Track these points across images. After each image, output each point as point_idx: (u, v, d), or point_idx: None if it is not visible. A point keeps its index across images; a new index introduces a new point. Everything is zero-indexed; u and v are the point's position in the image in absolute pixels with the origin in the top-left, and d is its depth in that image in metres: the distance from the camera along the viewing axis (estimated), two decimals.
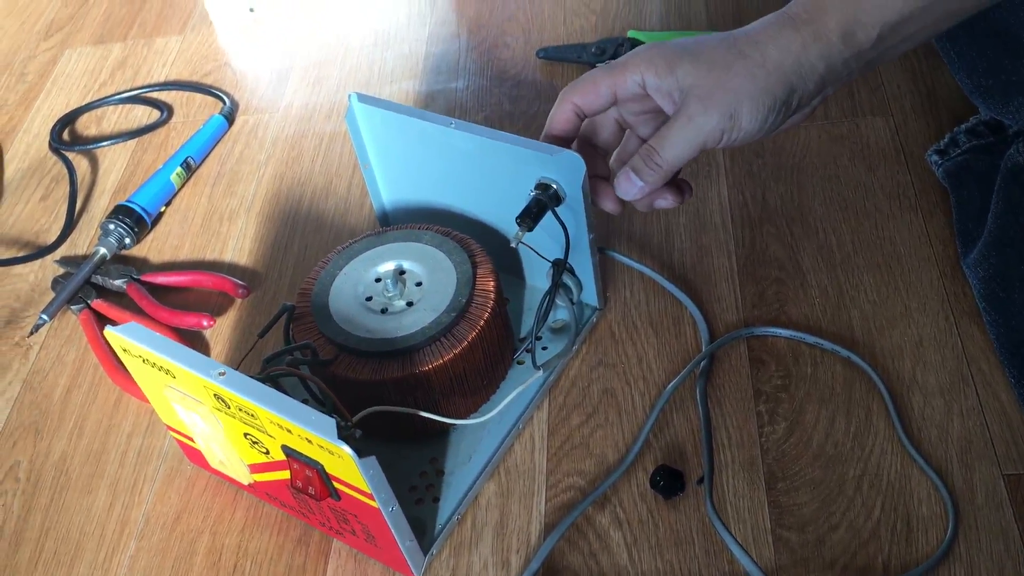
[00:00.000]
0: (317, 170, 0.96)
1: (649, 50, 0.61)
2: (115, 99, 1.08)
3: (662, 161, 0.61)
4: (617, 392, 0.73)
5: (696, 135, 0.59)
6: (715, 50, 0.59)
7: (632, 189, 0.63)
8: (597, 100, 0.64)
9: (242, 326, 0.83)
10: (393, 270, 0.72)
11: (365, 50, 1.09)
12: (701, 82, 0.58)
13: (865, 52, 0.58)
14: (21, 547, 0.71)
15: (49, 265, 0.91)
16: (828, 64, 0.58)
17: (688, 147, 0.60)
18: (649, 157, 0.61)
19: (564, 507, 0.67)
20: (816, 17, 0.57)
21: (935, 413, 0.68)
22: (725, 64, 0.58)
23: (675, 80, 0.59)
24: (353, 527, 0.63)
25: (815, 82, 0.58)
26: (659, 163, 0.61)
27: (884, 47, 0.58)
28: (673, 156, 0.61)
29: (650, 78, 0.60)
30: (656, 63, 0.60)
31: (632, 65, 0.61)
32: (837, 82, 0.59)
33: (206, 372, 0.59)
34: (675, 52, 0.60)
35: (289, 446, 0.59)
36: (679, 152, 0.61)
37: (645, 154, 0.62)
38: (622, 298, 0.79)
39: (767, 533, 0.64)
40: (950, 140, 0.82)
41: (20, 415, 0.80)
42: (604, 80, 0.63)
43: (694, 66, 0.59)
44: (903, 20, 0.56)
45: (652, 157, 0.61)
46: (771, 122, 0.59)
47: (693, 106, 0.59)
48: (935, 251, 0.78)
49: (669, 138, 0.60)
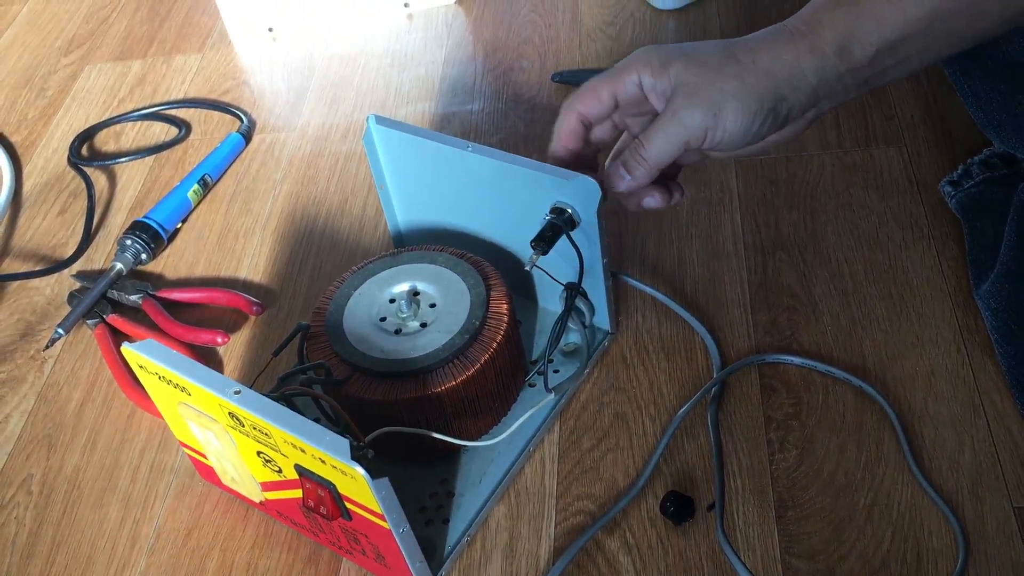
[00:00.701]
0: (332, 189, 0.97)
1: (646, 52, 0.62)
2: (134, 116, 1.09)
3: (647, 155, 0.62)
4: (628, 417, 0.73)
5: (679, 130, 0.60)
6: (709, 53, 0.60)
7: (620, 182, 0.64)
8: (600, 107, 0.65)
9: (256, 343, 0.84)
10: (407, 291, 0.73)
11: (382, 71, 1.10)
12: (690, 80, 0.59)
13: (861, 69, 0.58)
14: (32, 560, 0.71)
15: (66, 279, 0.92)
16: (821, 77, 0.58)
17: (671, 142, 0.61)
18: (636, 152, 0.62)
19: (574, 531, 0.67)
20: (813, 30, 0.58)
21: (946, 444, 0.68)
22: (716, 65, 0.59)
23: (668, 78, 0.60)
24: (363, 547, 0.64)
25: (807, 94, 0.59)
26: (644, 156, 0.62)
27: (882, 66, 0.58)
28: (657, 151, 0.62)
29: (646, 77, 0.61)
30: (652, 63, 0.61)
31: (629, 67, 0.62)
32: (831, 98, 0.60)
33: (221, 390, 0.59)
34: (670, 52, 0.61)
35: (302, 465, 0.59)
36: (663, 147, 0.61)
37: (633, 150, 0.63)
38: (634, 323, 0.79)
39: (776, 562, 0.64)
40: (963, 171, 0.82)
41: (34, 428, 0.80)
42: (604, 86, 0.64)
43: (686, 65, 0.60)
44: (902, 40, 0.57)
45: (639, 151, 0.62)
46: (757, 128, 0.60)
47: (678, 101, 0.60)
48: (948, 282, 0.78)
49: (655, 134, 0.61)
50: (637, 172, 0.63)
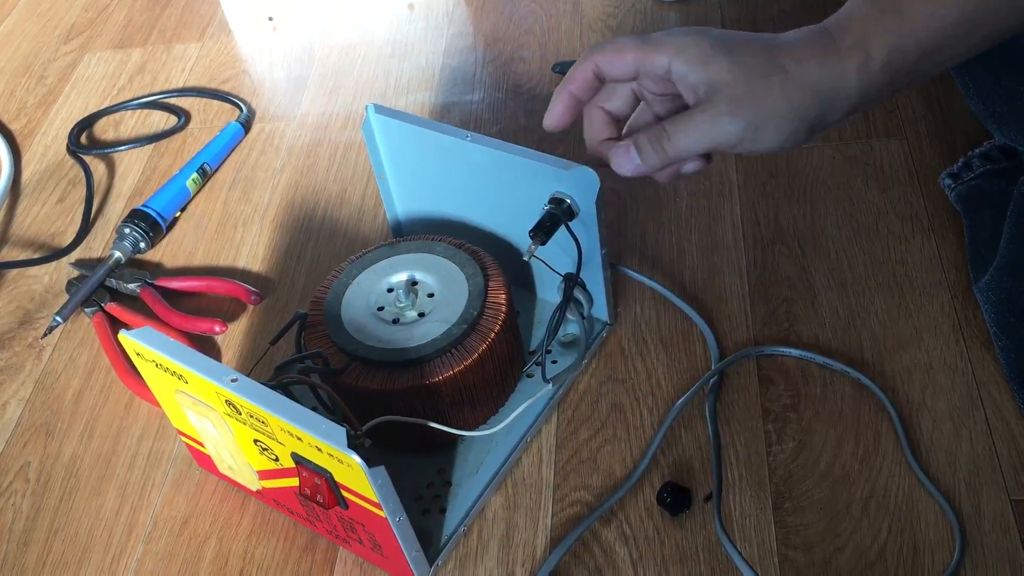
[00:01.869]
0: (332, 179, 0.97)
1: (684, 37, 0.58)
2: (133, 104, 1.09)
3: (670, 147, 0.58)
4: (626, 407, 0.73)
5: (714, 135, 0.57)
6: (755, 55, 0.56)
7: (628, 165, 0.60)
8: (620, 69, 0.60)
9: (254, 332, 0.84)
10: (405, 281, 0.73)
11: (382, 61, 1.10)
12: (734, 85, 0.56)
13: (899, 78, 0.56)
14: (29, 547, 0.71)
15: (64, 267, 0.92)
16: (864, 94, 0.56)
17: (701, 143, 0.58)
18: (657, 140, 0.59)
19: (570, 521, 0.67)
20: (862, 42, 0.55)
21: (944, 437, 0.68)
22: (763, 74, 0.56)
23: (706, 75, 0.57)
24: (360, 536, 0.64)
25: (846, 110, 0.57)
26: (666, 149, 0.59)
27: (916, 73, 0.57)
28: (683, 146, 0.58)
29: (678, 65, 0.57)
30: (689, 53, 0.57)
31: (664, 48, 0.58)
32: (865, 108, 0.58)
33: (218, 378, 0.59)
34: (712, 47, 0.57)
35: (299, 453, 0.59)
36: (690, 144, 0.58)
37: (654, 136, 0.59)
38: (633, 314, 0.79)
39: (773, 553, 0.64)
40: (964, 164, 0.82)
41: (32, 416, 0.80)
42: (631, 52, 0.59)
43: (730, 66, 0.56)
44: (940, 47, 0.55)
45: (660, 141, 0.59)
46: (791, 143, 0.58)
47: (721, 106, 0.56)
48: (947, 275, 0.78)
49: (685, 128, 0.58)
50: (651, 160, 0.59)
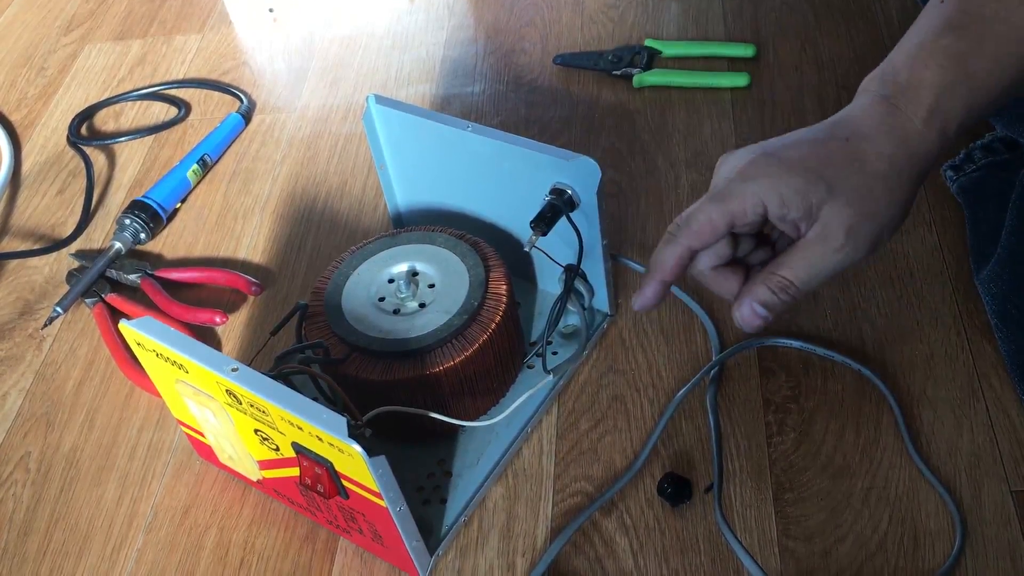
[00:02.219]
0: (332, 170, 0.96)
1: (765, 181, 0.55)
2: (133, 95, 1.09)
3: (799, 293, 0.56)
4: (626, 398, 0.73)
5: (842, 265, 0.55)
6: (845, 169, 0.54)
7: (757, 321, 0.57)
8: (713, 239, 0.57)
9: (254, 324, 0.84)
10: (406, 271, 0.73)
11: (382, 52, 1.09)
12: (843, 214, 0.54)
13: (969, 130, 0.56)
14: (30, 537, 0.71)
15: (64, 258, 0.92)
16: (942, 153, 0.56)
17: (827, 275, 0.56)
18: (784, 291, 0.56)
19: (571, 512, 0.67)
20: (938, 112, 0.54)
21: (945, 428, 0.68)
22: (871, 195, 0.54)
23: (808, 211, 0.54)
24: (360, 526, 0.64)
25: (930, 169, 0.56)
26: (795, 295, 0.56)
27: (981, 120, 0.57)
28: (811, 287, 0.56)
29: (775, 210, 0.55)
30: (782, 191, 0.54)
31: (750, 198, 0.55)
32: None
33: (219, 368, 0.59)
34: (801, 177, 0.54)
35: (299, 443, 0.59)
36: (819, 283, 0.56)
37: (779, 287, 0.56)
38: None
39: (773, 543, 0.64)
40: (965, 156, 0.82)
41: (32, 406, 0.80)
42: (719, 218, 0.56)
43: (830, 195, 0.54)
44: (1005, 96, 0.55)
45: (788, 290, 0.56)
46: None
47: (838, 238, 0.54)
48: (948, 266, 0.78)
49: (809, 269, 0.55)
50: (783, 307, 0.57)
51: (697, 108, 0.95)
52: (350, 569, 0.67)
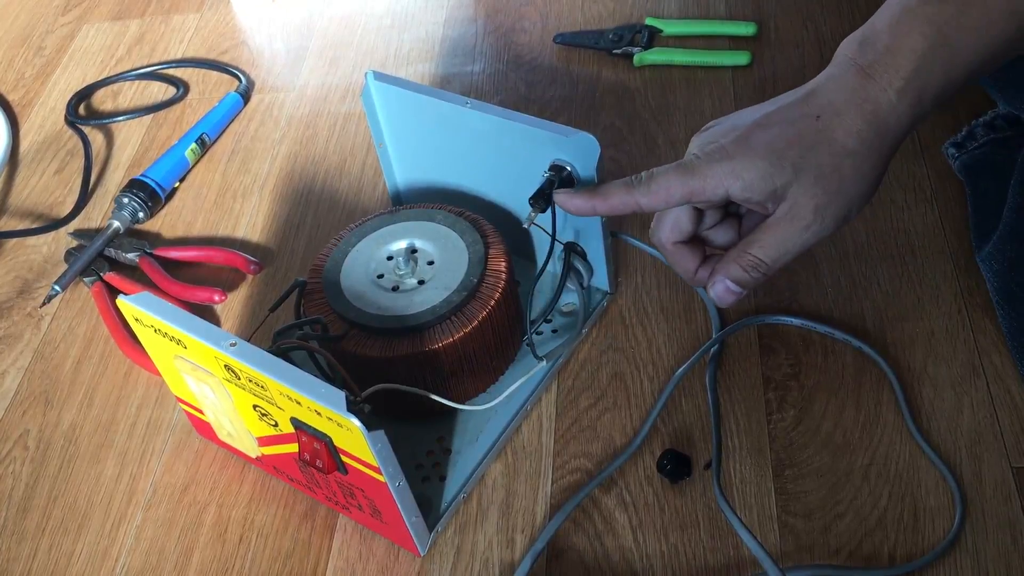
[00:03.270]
0: (331, 149, 0.96)
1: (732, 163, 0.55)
2: (131, 75, 1.08)
3: (769, 269, 0.57)
4: (626, 376, 0.73)
5: (810, 242, 0.56)
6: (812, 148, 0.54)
7: (731, 299, 0.59)
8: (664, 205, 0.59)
9: (253, 302, 0.83)
10: (405, 248, 0.72)
11: (382, 31, 1.09)
12: (811, 193, 0.54)
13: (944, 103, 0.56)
14: (29, 514, 0.71)
15: (63, 237, 0.92)
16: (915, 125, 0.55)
17: (797, 251, 0.57)
18: (755, 268, 0.57)
19: (570, 488, 0.67)
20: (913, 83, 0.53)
21: (945, 405, 0.68)
22: (839, 173, 0.54)
23: (773, 193, 0.55)
24: (359, 502, 0.63)
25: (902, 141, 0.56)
26: (765, 272, 0.58)
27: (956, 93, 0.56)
28: (781, 263, 0.57)
29: (738, 193, 0.56)
30: (745, 176, 0.55)
31: (714, 177, 0.56)
32: None
33: (217, 343, 0.59)
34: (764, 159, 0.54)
35: (298, 418, 0.59)
36: (787, 258, 0.57)
37: (750, 265, 0.57)
38: (633, 283, 0.79)
39: (773, 520, 0.64)
40: (967, 133, 0.81)
41: (31, 385, 0.80)
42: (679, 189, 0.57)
43: (799, 179, 0.54)
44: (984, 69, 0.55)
45: (758, 268, 0.57)
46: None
47: (809, 217, 0.55)
48: (949, 244, 0.77)
49: (778, 247, 0.56)
50: (753, 284, 0.58)
51: (698, 87, 0.95)
52: (349, 545, 0.67)
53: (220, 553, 0.67)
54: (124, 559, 0.68)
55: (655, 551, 0.63)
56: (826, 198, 0.55)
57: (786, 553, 0.62)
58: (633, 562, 0.63)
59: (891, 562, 0.61)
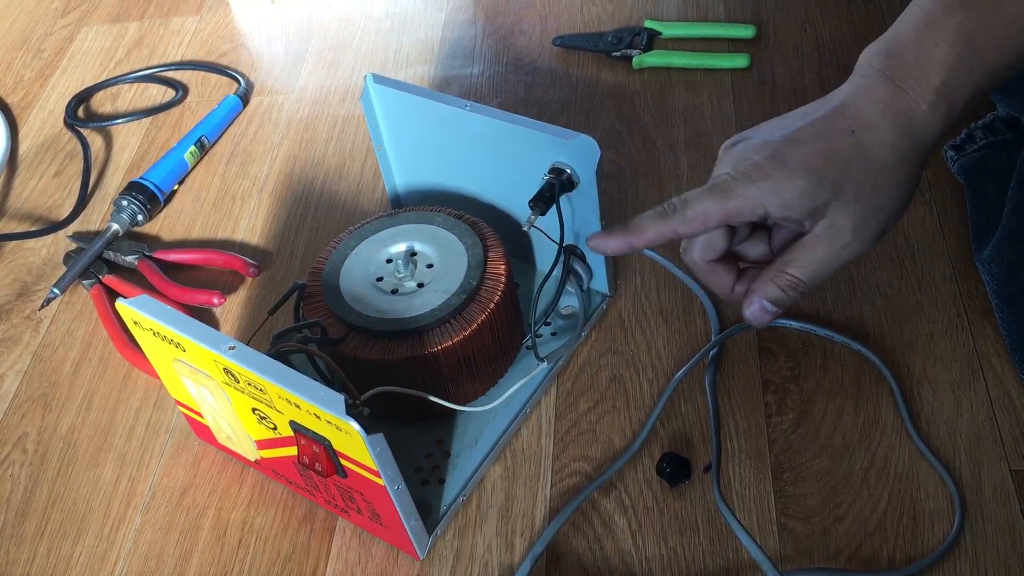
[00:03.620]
0: (330, 152, 0.96)
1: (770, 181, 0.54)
2: (131, 77, 1.08)
3: (806, 288, 0.56)
4: (625, 379, 0.73)
5: (850, 259, 0.55)
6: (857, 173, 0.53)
7: (768, 317, 0.58)
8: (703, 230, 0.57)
9: (252, 305, 0.83)
10: (405, 251, 0.72)
11: (381, 34, 1.09)
12: (848, 212, 0.53)
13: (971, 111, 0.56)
14: (27, 517, 0.71)
15: (62, 240, 0.92)
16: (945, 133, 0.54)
17: (834, 269, 0.56)
18: (794, 288, 0.56)
19: (569, 491, 0.67)
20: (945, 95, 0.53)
21: (944, 407, 0.68)
22: (877, 189, 0.53)
23: (814, 212, 0.54)
24: (359, 505, 0.63)
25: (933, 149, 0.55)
26: (803, 291, 0.56)
27: None
28: (819, 281, 0.56)
29: (778, 211, 0.54)
30: (785, 196, 0.53)
31: (751, 198, 0.54)
32: None
33: (216, 346, 0.59)
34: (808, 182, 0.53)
35: (297, 422, 0.59)
36: (824, 276, 0.56)
37: (787, 285, 0.56)
38: (633, 286, 0.79)
39: (772, 523, 0.64)
40: (966, 136, 0.81)
41: (29, 387, 0.80)
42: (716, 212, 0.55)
43: (835, 193, 0.53)
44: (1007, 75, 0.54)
45: (797, 287, 0.56)
46: None
47: (849, 235, 0.54)
48: (949, 246, 0.77)
49: (818, 265, 0.55)
50: (789, 304, 0.57)
51: (697, 89, 0.95)
52: (348, 549, 0.66)
53: (219, 556, 0.67)
54: (123, 562, 0.68)
55: (654, 554, 0.63)
56: (865, 215, 0.54)
57: (785, 556, 0.62)
58: (632, 565, 0.63)
59: (890, 565, 0.61)
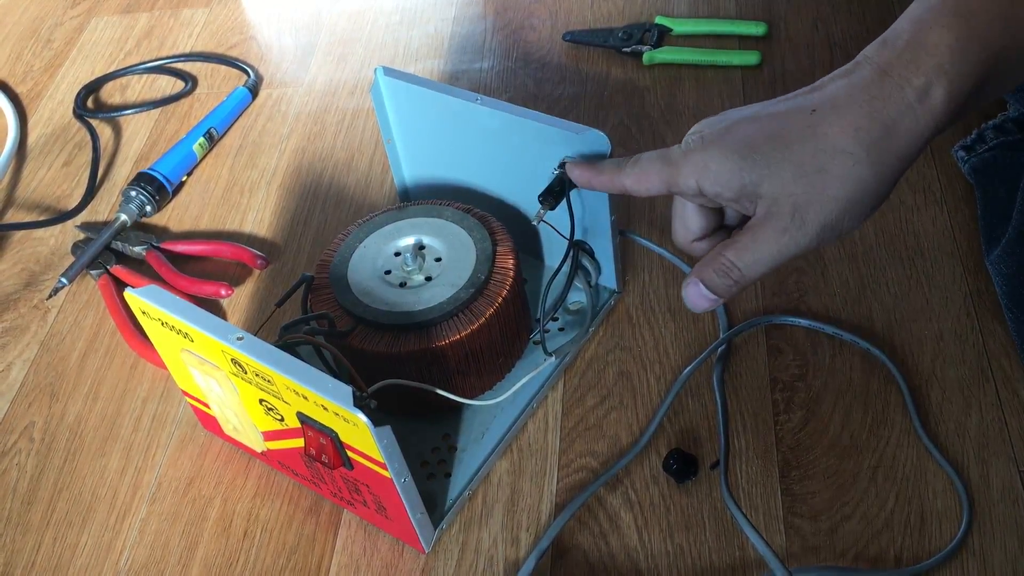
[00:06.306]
0: (339, 145, 0.96)
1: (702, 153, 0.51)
2: (140, 68, 1.08)
3: (743, 278, 0.53)
4: (633, 375, 0.73)
5: (787, 249, 0.51)
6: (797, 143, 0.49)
7: (703, 304, 0.55)
8: (646, 192, 0.56)
9: (259, 297, 0.83)
10: (413, 244, 0.72)
11: (391, 28, 1.09)
12: (788, 192, 0.49)
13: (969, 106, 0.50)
14: (33, 506, 0.71)
15: (70, 230, 0.92)
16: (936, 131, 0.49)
17: (777, 261, 0.51)
18: (727, 274, 0.53)
19: (576, 487, 0.67)
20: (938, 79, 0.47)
21: (953, 407, 0.68)
22: (818, 167, 0.48)
23: (744, 189, 0.50)
24: (364, 498, 0.63)
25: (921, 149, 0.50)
26: (739, 280, 0.53)
27: None
28: (758, 272, 0.52)
29: (708, 187, 0.52)
30: (713, 172, 0.51)
31: (685, 168, 0.52)
32: None
33: (224, 336, 0.59)
34: (738, 153, 0.50)
35: (304, 413, 0.59)
36: (765, 268, 0.52)
37: (722, 270, 0.53)
38: (641, 282, 0.79)
39: (779, 521, 0.64)
40: (977, 136, 0.81)
41: (36, 377, 0.80)
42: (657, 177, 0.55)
43: (771, 171, 0.49)
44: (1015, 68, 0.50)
45: (730, 273, 0.53)
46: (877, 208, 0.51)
47: (784, 219, 0.50)
48: (959, 246, 0.77)
49: (753, 254, 0.51)
50: (727, 293, 0.54)
51: (707, 86, 0.94)
52: (354, 541, 0.66)
53: (224, 547, 0.67)
54: (128, 552, 0.68)
55: (660, 551, 0.63)
56: (807, 199, 0.49)
57: (792, 554, 0.62)
58: (638, 562, 0.63)
59: (897, 564, 0.61)
